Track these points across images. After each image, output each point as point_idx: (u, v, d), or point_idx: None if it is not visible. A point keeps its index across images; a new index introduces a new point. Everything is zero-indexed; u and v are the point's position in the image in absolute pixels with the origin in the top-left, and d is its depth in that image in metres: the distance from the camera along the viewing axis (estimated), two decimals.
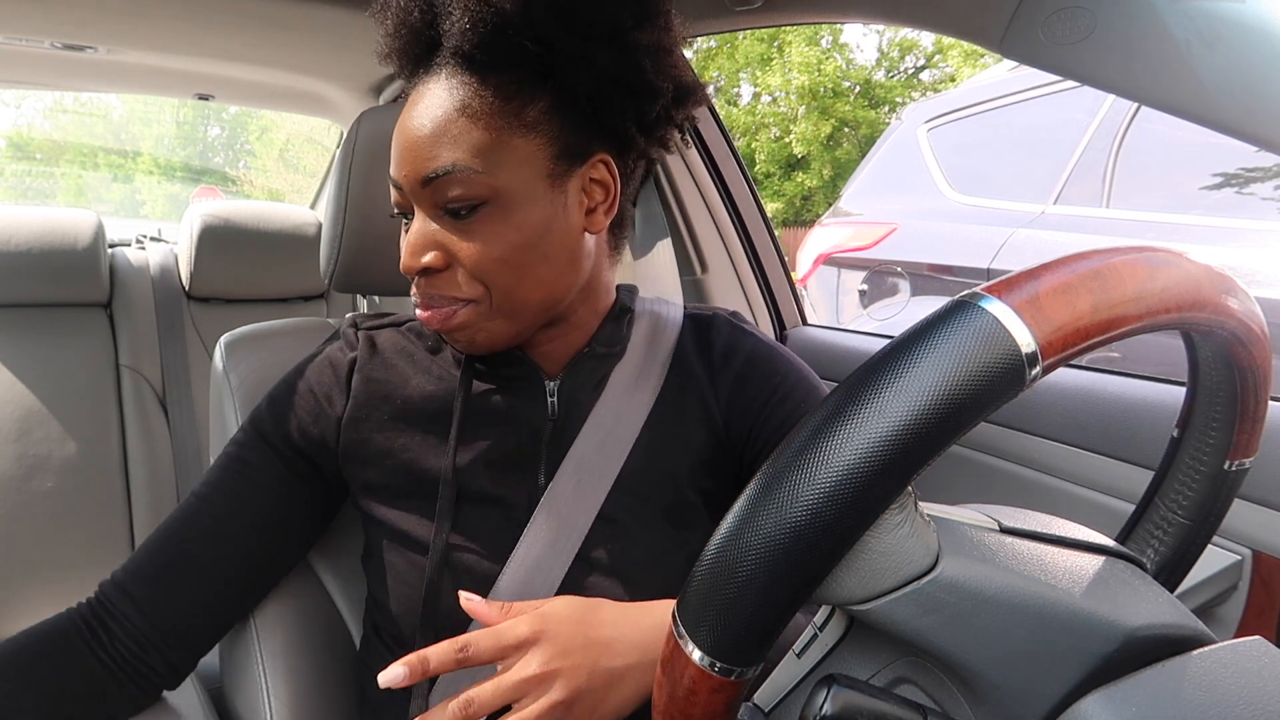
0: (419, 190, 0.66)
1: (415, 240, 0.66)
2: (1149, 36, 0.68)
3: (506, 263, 0.66)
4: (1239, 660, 0.39)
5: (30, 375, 1.70)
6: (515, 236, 0.66)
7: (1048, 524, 0.44)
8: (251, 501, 0.74)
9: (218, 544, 0.73)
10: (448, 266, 0.67)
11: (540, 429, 0.73)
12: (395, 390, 0.75)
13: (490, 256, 0.66)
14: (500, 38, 0.63)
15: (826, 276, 3.19)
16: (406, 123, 0.66)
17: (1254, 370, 0.45)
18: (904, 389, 0.33)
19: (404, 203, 0.69)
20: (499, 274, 0.66)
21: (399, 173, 0.67)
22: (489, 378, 0.75)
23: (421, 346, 0.78)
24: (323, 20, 1.39)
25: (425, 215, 0.67)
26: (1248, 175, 2.08)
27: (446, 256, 0.66)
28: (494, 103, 0.64)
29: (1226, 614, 0.90)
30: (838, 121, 13.68)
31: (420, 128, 0.65)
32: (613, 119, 0.68)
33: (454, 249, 0.66)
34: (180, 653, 0.73)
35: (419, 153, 0.65)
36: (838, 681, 0.37)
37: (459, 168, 0.64)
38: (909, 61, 14.88)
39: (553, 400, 0.74)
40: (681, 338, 0.80)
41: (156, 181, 7.65)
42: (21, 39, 1.51)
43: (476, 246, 0.66)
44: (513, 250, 0.66)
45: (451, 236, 0.66)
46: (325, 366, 0.77)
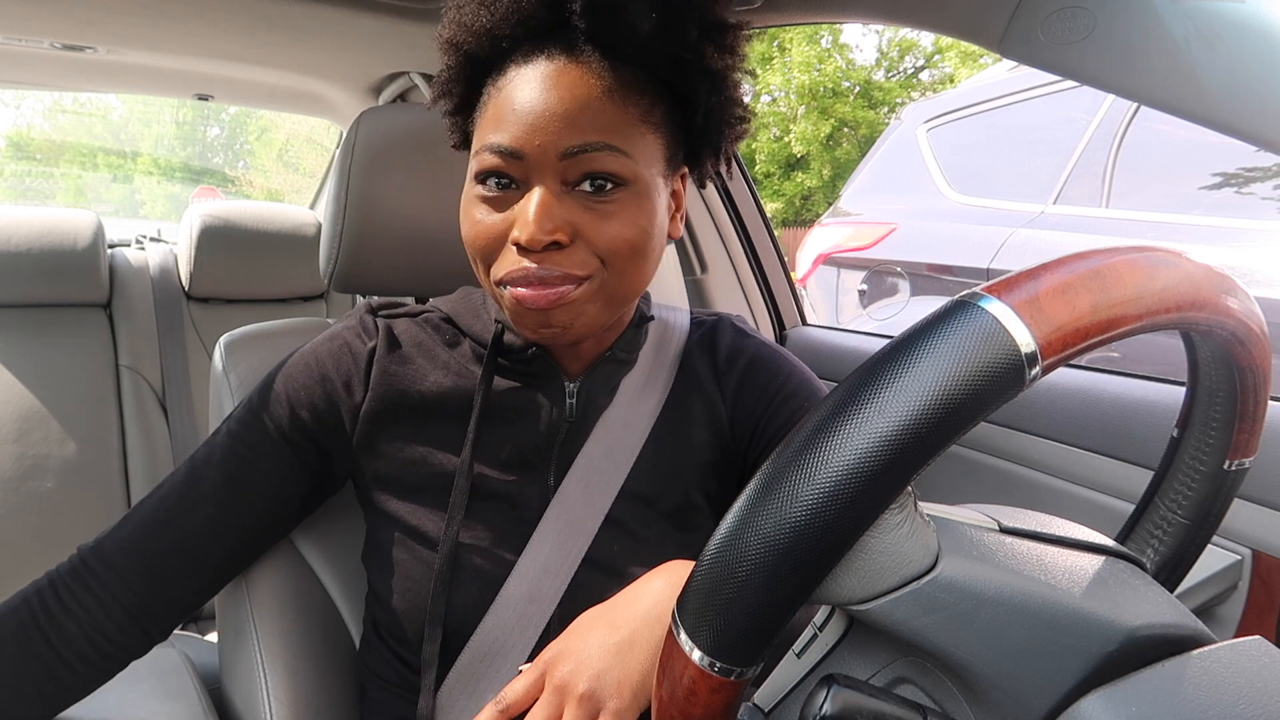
0: (553, 162, 0.63)
1: (544, 212, 0.62)
2: (1148, 36, 0.68)
3: (633, 246, 0.66)
4: (1239, 660, 0.39)
5: (30, 375, 1.70)
6: (645, 223, 0.66)
7: (1047, 524, 0.44)
8: (254, 489, 0.73)
9: (216, 532, 0.73)
10: (571, 243, 0.64)
11: (556, 429, 0.74)
12: (413, 385, 0.74)
13: (622, 237, 0.65)
14: (654, 37, 0.62)
15: (826, 276, 3.20)
16: (539, 93, 0.63)
17: (1253, 370, 0.45)
18: (904, 389, 0.33)
19: (516, 173, 0.65)
20: (622, 256, 0.65)
21: (528, 141, 0.63)
22: (510, 375, 0.75)
23: (439, 341, 0.77)
24: (323, 20, 1.39)
25: (549, 186, 0.63)
26: (1247, 175, 2.08)
27: (572, 232, 0.64)
28: (631, 94, 0.64)
29: (1226, 614, 0.90)
30: (837, 121, 13.68)
31: (562, 100, 0.62)
32: (711, 137, 0.70)
33: (583, 225, 0.64)
34: (161, 627, 0.73)
35: (565, 123, 0.62)
36: (837, 681, 0.37)
37: (608, 145, 0.63)
38: (908, 62, 14.89)
39: (571, 402, 0.74)
40: (687, 342, 0.81)
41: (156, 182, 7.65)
42: (21, 39, 1.51)
43: (610, 226, 0.64)
44: (640, 235, 0.66)
45: (582, 213, 0.64)
46: (344, 353, 0.75)
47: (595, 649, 0.60)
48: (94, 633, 0.70)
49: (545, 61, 0.64)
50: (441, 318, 0.79)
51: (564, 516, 0.71)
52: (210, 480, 0.73)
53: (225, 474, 0.73)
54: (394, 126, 0.91)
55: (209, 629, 1.78)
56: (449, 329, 0.78)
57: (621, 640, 0.60)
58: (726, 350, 0.80)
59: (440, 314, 0.79)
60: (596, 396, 0.75)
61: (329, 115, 2.15)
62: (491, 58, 0.67)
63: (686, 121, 0.69)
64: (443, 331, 0.78)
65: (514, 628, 0.69)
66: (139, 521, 0.73)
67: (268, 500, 0.74)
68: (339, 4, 1.31)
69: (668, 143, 0.68)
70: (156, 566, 0.71)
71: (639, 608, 0.62)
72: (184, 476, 0.74)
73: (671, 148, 0.69)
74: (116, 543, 0.72)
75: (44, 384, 1.71)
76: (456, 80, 0.70)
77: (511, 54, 0.65)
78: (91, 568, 0.72)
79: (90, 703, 0.73)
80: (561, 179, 0.64)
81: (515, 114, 0.63)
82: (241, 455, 0.73)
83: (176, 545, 0.72)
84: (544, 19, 0.64)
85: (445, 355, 0.76)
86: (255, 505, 0.74)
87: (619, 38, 0.63)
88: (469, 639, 0.70)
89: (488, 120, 0.66)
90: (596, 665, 0.59)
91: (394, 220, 0.89)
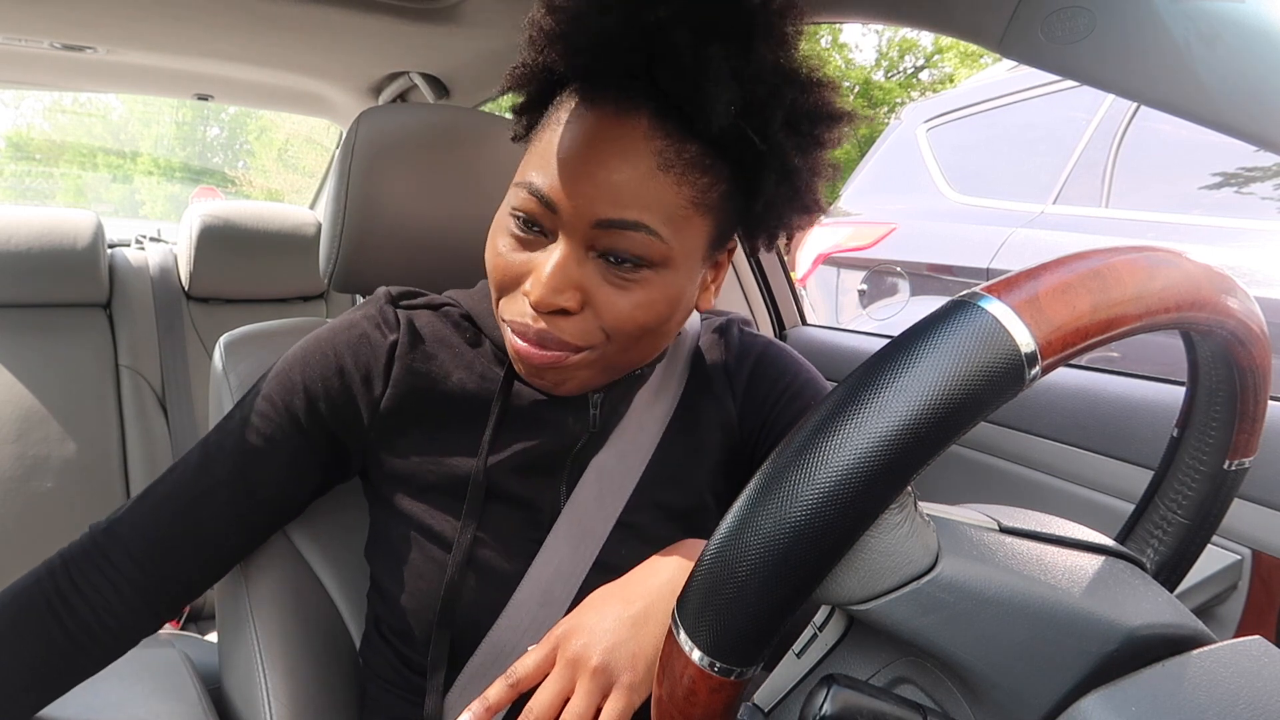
0: (584, 228, 0.60)
1: (559, 276, 0.60)
2: (1148, 36, 0.68)
3: (642, 327, 0.63)
4: (1239, 660, 0.39)
5: (30, 375, 1.70)
6: (663, 307, 0.63)
7: (1047, 524, 0.44)
8: (267, 477, 0.73)
9: (228, 518, 0.73)
10: (581, 311, 0.62)
11: (576, 437, 0.73)
12: (436, 383, 0.73)
13: (635, 319, 0.62)
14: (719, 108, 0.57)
15: (826, 276, 3.19)
16: (587, 150, 0.59)
17: (1253, 370, 0.45)
18: (903, 389, 0.33)
19: (549, 223, 0.62)
20: (630, 335, 0.64)
21: (564, 200, 0.60)
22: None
23: (461, 337, 0.76)
24: (322, 20, 1.39)
25: (573, 249, 0.61)
26: (1247, 175, 2.08)
27: (582, 301, 0.62)
28: (691, 172, 0.60)
29: (1226, 613, 0.90)
30: None
31: (610, 166, 0.59)
32: (769, 225, 0.66)
33: (596, 296, 0.62)
34: (170, 606, 0.73)
35: (605, 192, 0.59)
36: (837, 681, 0.37)
37: (645, 227, 0.59)
38: (908, 62, 14.89)
39: (595, 412, 0.73)
40: (698, 342, 0.81)
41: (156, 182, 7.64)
42: (21, 39, 1.51)
43: (625, 304, 0.62)
44: (655, 318, 0.64)
45: (599, 283, 0.61)
46: (364, 345, 0.73)
47: (609, 623, 0.59)
48: (104, 611, 0.70)
49: (612, 111, 0.60)
50: (461, 314, 0.77)
51: (578, 522, 0.71)
52: (223, 466, 0.72)
53: (239, 461, 0.72)
54: (394, 126, 0.91)
55: (209, 629, 1.78)
56: (469, 326, 0.77)
57: (636, 614, 0.60)
58: (737, 348, 0.80)
59: (460, 310, 0.77)
60: (618, 405, 0.75)
61: (329, 115, 2.15)
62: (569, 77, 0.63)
63: (746, 205, 0.65)
64: (463, 329, 0.77)
65: (525, 631, 0.69)
66: (151, 505, 0.73)
67: (279, 488, 0.74)
68: (339, 4, 1.31)
69: (718, 225, 0.64)
70: (168, 549, 0.71)
71: (654, 582, 0.62)
72: (197, 461, 0.73)
73: (722, 229, 0.65)
74: (129, 524, 0.72)
75: (44, 384, 1.71)
76: (531, 80, 0.66)
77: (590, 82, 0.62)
78: (103, 548, 0.71)
79: (90, 701, 0.73)
80: (588, 244, 0.61)
81: (562, 162, 0.60)
82: (255, 444, 0.72)
83: (189, 530, 0.72)
84: (627, 63, 0.59)
85: (468, 354, 0.75)
86: (267, 493, 0.73)
87: (693, 106, 0.58)
88: (479, 642, 0.69)
89: (537, 152, 0.63)
90: (610, 639, 0.58)
91: (394, 220, 0.89)
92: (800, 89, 0.61)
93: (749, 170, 0.62)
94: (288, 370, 0.73)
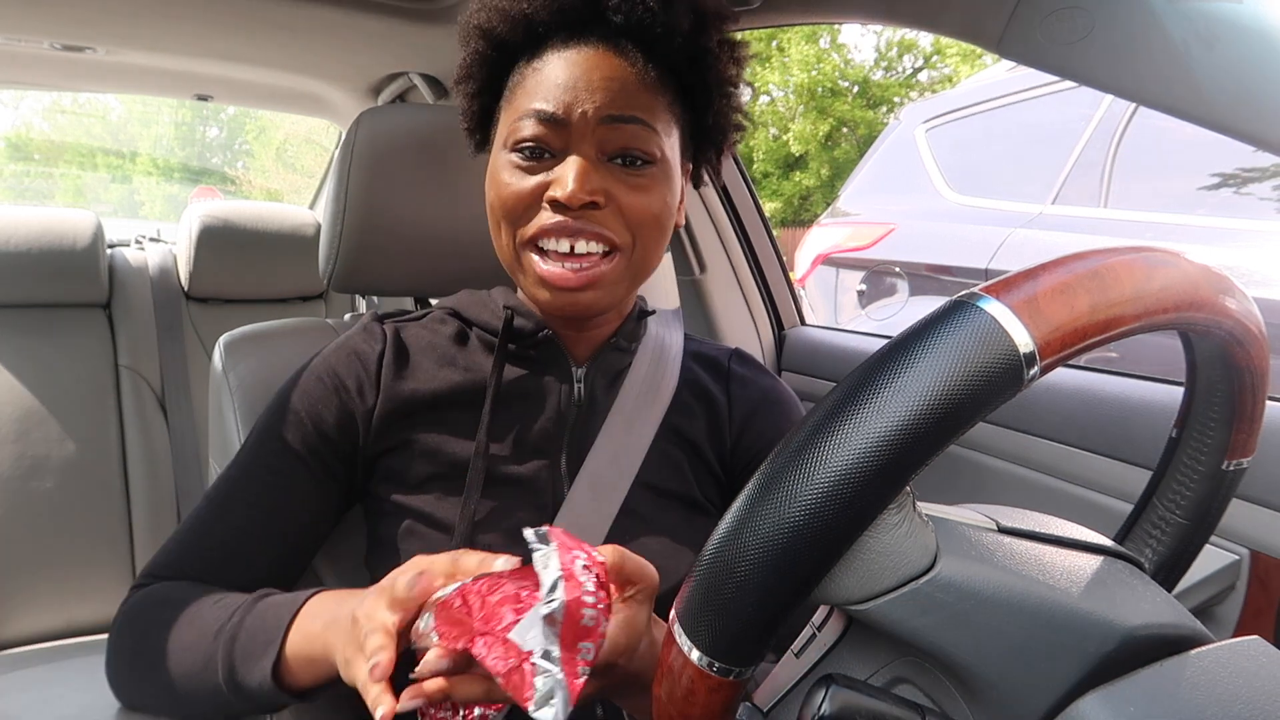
0: (594, 127, 0.66)
1: (584, 175, 0.66)
2: (1147, 37, 0.68)
3: (658, 220, 0.70)
4: (1237, 660, 0.39)
5: (29, 376, 1.70)
6: (670, 199, 0.71)
7: (1046, 524, 0.44)
8: (290, 511, 0.74)
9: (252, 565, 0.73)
10: (606, 207, 0.67)
11: (566, 413, 0.75)
12: (423, 385, 0.75)
13: (651, 210, 0.69)
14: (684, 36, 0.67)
15: (825, 276, 3.20)
16: (581, 69, 0.66)
17: (1251, 370, 0.45)
18: (902, 389, 0.33)
19: (555, 142, 0.67)
20: (650, 229, 0.70)
21: (572, 107, 0.66)
22: (520, 361, 0.76)
23: (447, 339, 0.78)
24: (322, 20, 1.39)
25: (586, 156, 0.67)
26: (1246, 175, 2.08)
27: (607, 198, 0.67)
28: (658, 85, 0.68)
29: (1224, 613, 0.90)
30: (835, 121, 13.68)
31: (604, 76, 0.66)
32: (715, 139, 0.75)
33: (617, 193, 0.67)
34: None
35: (607, 94, 0.66)
36: (836, 681, 0.37)
37: (645, 122, 0.67)
38: (907, 62, 14.89)
39: (580, 385, 0.76)
40: (700, 363, 0.84)
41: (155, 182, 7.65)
42: (20, 39, 1.51)
43: (642, 199, 0.68)
44: (665, 211, 0.70)
45: (616, 183, 0.68)
46: (354, 359, 0.76)
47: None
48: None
49: (584, 46, 0.67)
50: (448, 313, 0.80)
51: (574, 521, 0.71)
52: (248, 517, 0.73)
53: (258, 502, 0.73)
54: (393, 127, 0.91)
55: None
56: (455, 323, 0.79)
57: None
58: (743, 376, 0.83)
59: (445, 310, 0.80)
60: (603, 383, 0.77)
61: (328, 115, 2.15)
62: (524, 44, 0.69)
63: (696, 122, 0.73)
64: (449, 327, 0.79)
65: None
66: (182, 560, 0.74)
67: (306, 517, 0.74)
68: (339, 4, 1.31)
69: (682, 137, 0.72)
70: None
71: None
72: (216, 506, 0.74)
73: (685, 141, 0.73)
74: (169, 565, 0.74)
75: (43, 384, 1.71)
76: (483, 64, 0.72)
77: (547, 39, 0.69)
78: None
79: (89, 701, 0.73)
80: (599, 149, 0.67)
81: (558, 84, 0.66)
82: (269, 480, 0.73)
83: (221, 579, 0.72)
84: (581, 11, 0.67)
85: (454, 352, 0.77)
86: (294, 524, 0.74)
87: (654, 33, 0.66)
88: None
89: (525, 93, 0.68)
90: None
91: (393, 220, 0.89)
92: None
93: (696, 88, 0.71)
94: (288, 403, 0.75)
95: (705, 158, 0.77)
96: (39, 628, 1.60)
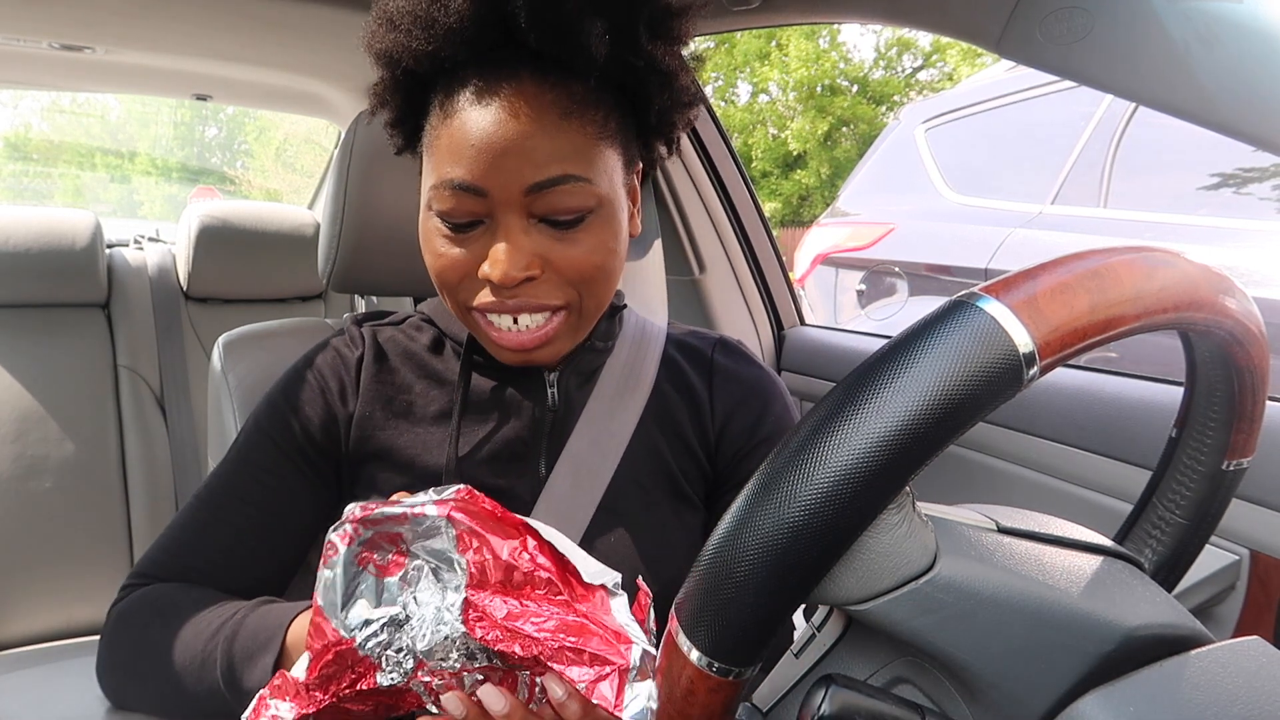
0: (517, 199, 0.62)
1: (515, 251, 0.62)
2: (1147, 36, 0.68)
3: (602, 269, 0.66)
4: (1237, 660, 0.39)
5: (28, 376, 1.70)
6: (612, 243, 0.66)
7: (1045, 524, 0.44)
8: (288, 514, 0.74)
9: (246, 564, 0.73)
10: (543, 274, 0.64)
11: (541, 420, 0.74)
12: (400, 390, 0.75)
13: (592, 263, 0.65)
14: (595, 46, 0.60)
15: (824, 276, 3.20)
16: (495, 125, 0.61)
17: (1251, 370, 0.45)
18: (902, 389, 0.33)
19: (480, 210, 0.63)
20: (594, 280, 0.66)
21: (488, 181, 0.61)
22: (489, 371, 0.76)
23: (424, 346, 0.78)
24: (321, 20, 1.39)
25: (516, 222, 0.63)
26: (1246, 175, 2.08)
27: (543, 264, 0.64)
28: (585, 110, 0.62)
29: (1224, 614, 0.90)
30: (835, 120, 13.68)
31: (521, 131, 0.60)
32: (664, 130, 0.70)
33: (553, 257, 0.64)
34: None
35: (526, 158, 0.61)
36: (835, 681, 0.37)
37: (571, 177, 0.62)
38: (906, 61, 14.89)
39: (553, 391, 0.75)
40: (683, 352, 0.82)
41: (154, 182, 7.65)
42: (19, 39, 1.51)
43: (579, 254, 0.64)
44: (609, 257, 0.66)
45: (551, 245, 0.64)
46: (337, 361, 0.77)
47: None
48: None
49: (497, 85, 0.61)
50: (424, 319, 0.80)
51: (553, 512, 0.71)
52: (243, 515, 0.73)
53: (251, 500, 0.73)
54: None
55: None
56: (431, 330, 0.79)
57: None
58: (726, 366, 0.81)
59: (422, 316, 0.80)
60: (577, 383, 0.76)
61: (327, 115, 2.15)
62: (433, 75, 0.65)
63: (640, 122, 0.69)
64: (426, 334, 0.79)
65: None
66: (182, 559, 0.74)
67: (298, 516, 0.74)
68: (338, 4, 1.31)
69: (624, 150, 0.67)
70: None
71: None
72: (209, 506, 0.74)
73: (628, 153, 0.68)
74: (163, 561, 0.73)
75: (42, 384, 1.71)
76: (394, 92, 0.68)
77: (458, 72, 0.63)
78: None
79: (88, 701, 0.73)
80: (527, 213, 0.63)
81: (473, 149, 0.61)
82: (261, 479, 0.73)
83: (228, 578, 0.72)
84: (489, 39, 0.61)
85: (429, 360, 0.77)
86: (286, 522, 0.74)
87: (570, 53, 0.60)
88: None
89: (442, 151, 0.63)
90: None
91: (392, 220, 0.89)
92: None
93: (631, 90, 0.66)
94: (276, 406, 0.75)
95: (655, 151, 0.72)
96: (38, 628, 1.60)
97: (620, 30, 0.61)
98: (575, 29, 0.59)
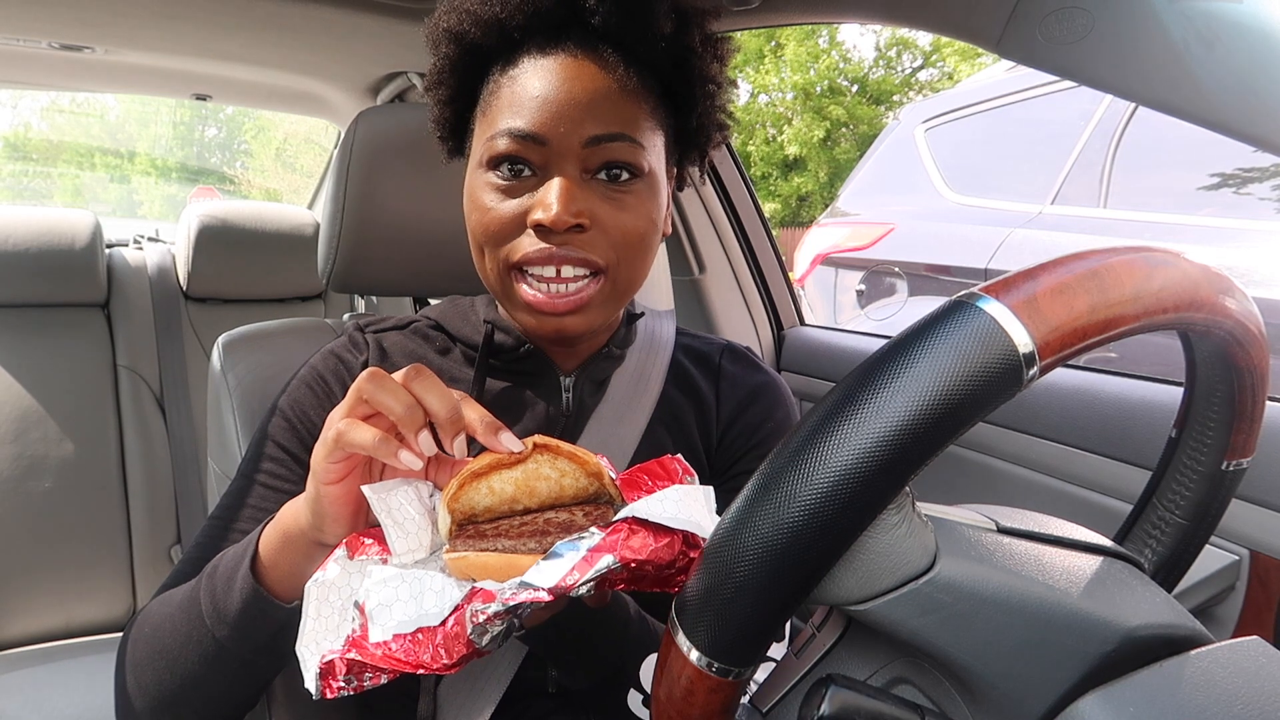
0: (575, 149, 0.64)
1: (568, 196, 0.63)
2: (1146, 37, 0.68)
3: (643, 239, 0.67)
4: (1237, 660, 0.39)
5: (28, 375, 1.70)
6: (655, 215, 0.68)
7: (1045, 524, 0.44)
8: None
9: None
10: (590, 228, 0.65)
11: (554, 422, 0.74)
12: None
13: (635, 229, 0.66)
14: (662, 21, 0.64)
15: (824, 276, 3.20)
16: (560, 82, 0.64)
17: (1251, 370, 0.45)
18: (901, 389, 0.33)
19: (537, 158, 0.65)
20: (633, 249, 0.67)
21: (553, 127, 0.63)
22: (502, 374, 0.75)
23: (430, 349, 0.78)
24: (321, 20, 1.39)
25: (572, 176, 0.64)
26: (1246, 175, 2.08)
27: (591, 219, 0.65)
28: (640, 92, 0.66)
29: (1224, 614, 0.90)
30: (833, 122, 13.68)
31: (585, 89, 0.64)
32: (699, 141, 0.72)
33: (602, 214, 0.65)
34: None
35: (588, 111, 0.63)
36: (835, 682, 0.37)
37: (629, 137, 0.65)
38: (906, 61, 14.88)
39: (568, 395, 0.75)
40: (691, 357, 0.82)
41: (154, 182, 7.65)
42: (19, 39, 1.51)
43: (626, 218, 0.66)
44: (649, 228, 0.68)
45: (599, 203, 0.65)
46: (340, 367, 0.75)
47: None
48: None
49: (562, 54, 0.65)
50: (430, 325, 0.79)
51: None
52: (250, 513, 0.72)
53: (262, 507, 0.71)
54: (392, 126, 0.91)
55: None
56: (439, 336, 0.78)
57: None
58: (733, 371, 0.82)
59: (429, 321, 0.79)
60: (591, 388, 0.76)
61: (327, 115, 2.15)
62: (498, 49, 0.67)
63: (680, 125, 0.71)
64: (432, 339, 0.78)
65: None
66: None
67: None
68: (338, 4, 1.31)
69: (667, 141, 0.70)
70: None
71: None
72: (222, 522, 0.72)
73: (669, 148, 0.71)
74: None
75: (42, 384, 1.71)
76: (454, 71, 0.69)
77: (522, 45, 0.66)
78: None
79: (87, 701, 0.73)
80: (582, 166, 0.65)
81: (536, 100, 0.64)
82: (272, 487, 0.72)
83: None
84: (558, 14, 0.65)
85: (437, 362, 0.77)
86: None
87: (634, 36, 0.64)
88: None
89: (501, 107, 0.66)
90: None
91: (392, 220, 0.89)
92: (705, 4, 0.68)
93: (682, 89, 0.69)
94: (280, 414, 0.74)
95: (689, 160, 0.75)
96: (37, 628, 1.60)
97: (680, 26, 0.65)
98: (640, 11, 0.63)
